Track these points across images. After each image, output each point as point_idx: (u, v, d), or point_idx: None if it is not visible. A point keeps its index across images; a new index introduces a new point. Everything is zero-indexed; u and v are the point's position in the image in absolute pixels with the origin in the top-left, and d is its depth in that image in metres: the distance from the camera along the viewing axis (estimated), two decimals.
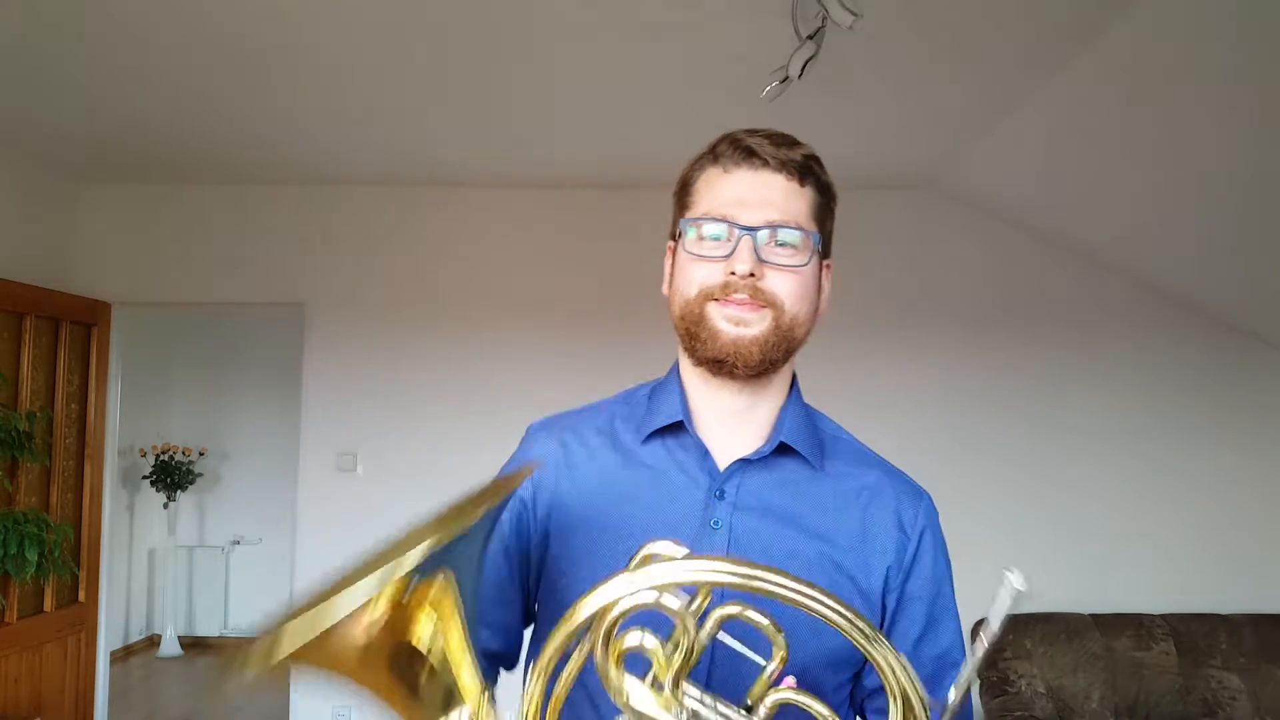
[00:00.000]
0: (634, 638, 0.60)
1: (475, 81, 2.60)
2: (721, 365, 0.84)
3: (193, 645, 5.69)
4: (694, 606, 0.60)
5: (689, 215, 0.87)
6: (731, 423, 0.88)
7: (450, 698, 0.60)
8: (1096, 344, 3.61)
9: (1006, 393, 3.60)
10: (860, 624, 0.57)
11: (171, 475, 5.51)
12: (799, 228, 0.84)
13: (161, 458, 5.54)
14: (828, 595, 0.56)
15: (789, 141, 0.87)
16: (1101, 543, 3.54)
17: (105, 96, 2.75)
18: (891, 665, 0.57)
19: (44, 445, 3.31)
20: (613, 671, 0.60)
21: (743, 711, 0.63)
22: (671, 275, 0.90)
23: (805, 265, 0.84)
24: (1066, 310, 3.62)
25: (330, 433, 3.64)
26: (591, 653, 0.60)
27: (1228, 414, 3.59)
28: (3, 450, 3.01)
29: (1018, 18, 2.16)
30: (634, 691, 0.60)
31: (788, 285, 0.84)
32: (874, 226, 3.67)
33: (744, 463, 0.87)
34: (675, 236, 0.90)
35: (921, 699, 0.57)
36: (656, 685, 0.61)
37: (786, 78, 2.12)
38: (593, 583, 0.59)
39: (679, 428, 0.88)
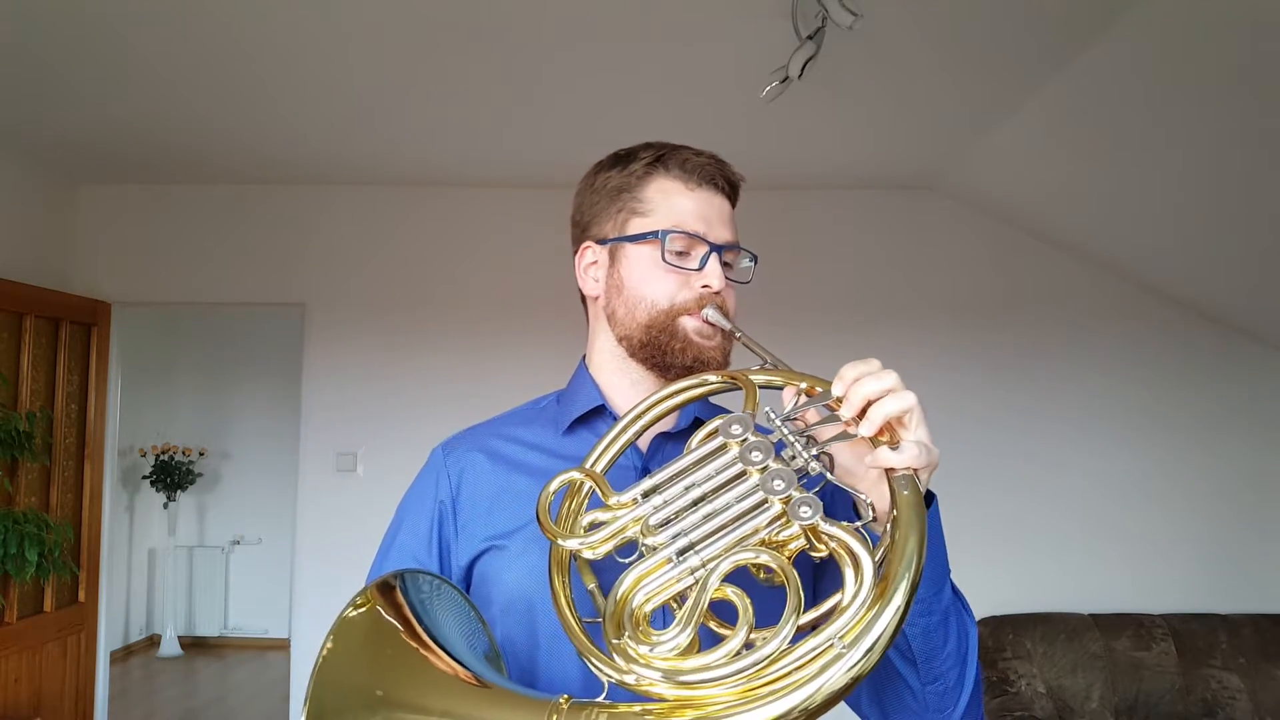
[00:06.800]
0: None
1: (475, 81, 2.60)
2: (680, 370, 0.87)
3: (193, 645, 5.70)
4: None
5: (657, 226, 0.88)
6: None
7: None
8: (1096, 343, 3.61)
9: (1005, 392, 3.60)
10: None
11: (171, 475, 5.51)
12: (747, 249, 0.92)
13: (161, 458, 5.54)
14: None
15: (725, 164, 0.92)
16: (1102, 543, 3.54)
17: (105, 97, 2.75)
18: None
19: (44, 445, 3.30)
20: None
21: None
22: (619, 280, 0.91)
23: (749, 282, 0.93)
24: (1066, 310, 3.63)
25: (330, 433, 3.64)
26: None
27: (1227, 414, 3.59)
28: (3, 450, 3.00)
29: (1017, 18, 2.16)
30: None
31: (734, 300, 0.91)
32: (874, 226, 3.68)
33: (664, 436, 0.91)
34: (602, 239, 0.92)
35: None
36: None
37: (786, 78, 2.12)
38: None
39: (598, 413, 0.92)
